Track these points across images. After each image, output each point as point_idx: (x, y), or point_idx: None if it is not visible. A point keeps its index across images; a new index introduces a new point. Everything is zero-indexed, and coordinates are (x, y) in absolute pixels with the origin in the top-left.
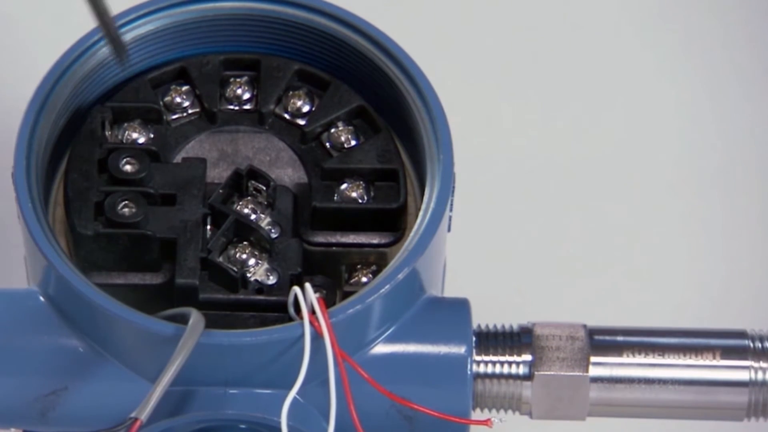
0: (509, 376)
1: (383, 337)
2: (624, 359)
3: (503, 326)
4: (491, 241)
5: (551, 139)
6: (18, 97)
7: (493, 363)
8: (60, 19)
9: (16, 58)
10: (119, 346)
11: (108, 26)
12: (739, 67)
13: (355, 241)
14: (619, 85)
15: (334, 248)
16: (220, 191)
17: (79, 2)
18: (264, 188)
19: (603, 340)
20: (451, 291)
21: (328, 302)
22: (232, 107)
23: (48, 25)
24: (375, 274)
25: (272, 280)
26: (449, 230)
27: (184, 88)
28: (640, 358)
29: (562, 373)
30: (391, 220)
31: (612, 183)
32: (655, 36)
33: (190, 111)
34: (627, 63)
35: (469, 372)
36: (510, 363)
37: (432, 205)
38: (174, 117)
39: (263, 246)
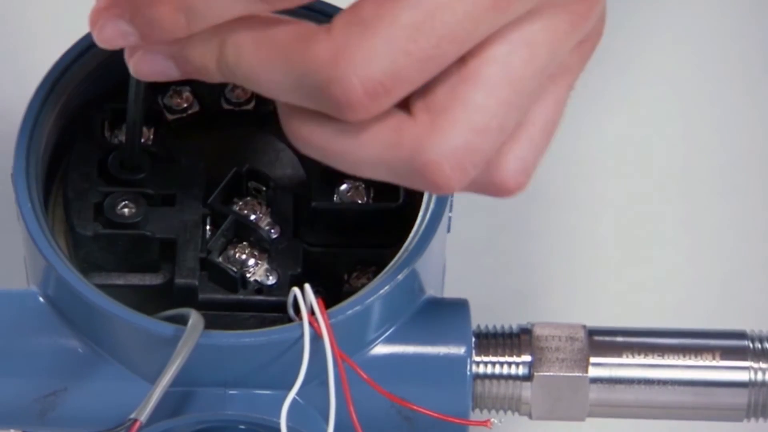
0: (509, 377)
1: (383, 337)
2: (624, 360)
3: (503, 327)
4: (491, 241)
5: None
6: (18, 97)
7: (493, 364)
8: (60, 19)
9: (16, 58)
10: (119, 346)
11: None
12: (741, 67)
13: (354, 242)
14: (619, 84)
15: (333, 249)
16: (220, 191)
17: (80, 2)
18: (263, 188)
19: (602, 341)
20: (450, 291)
21: (327, 303)
22: (232, 107)
23: (48, 25)
24: (374, 274)
25: (272, 280)
26: (449, 231)
27: (184, 88)
28: (639, 359)
29: (562, 374)
30: (391, 221)
31: (612, 183)
32: (655, 33)
33: (189, 111)
34: (626, 62)
35: (468, 373)
36: (509, 364)
37: (431, 205)
38: (174, 117)
39: (263, 246)
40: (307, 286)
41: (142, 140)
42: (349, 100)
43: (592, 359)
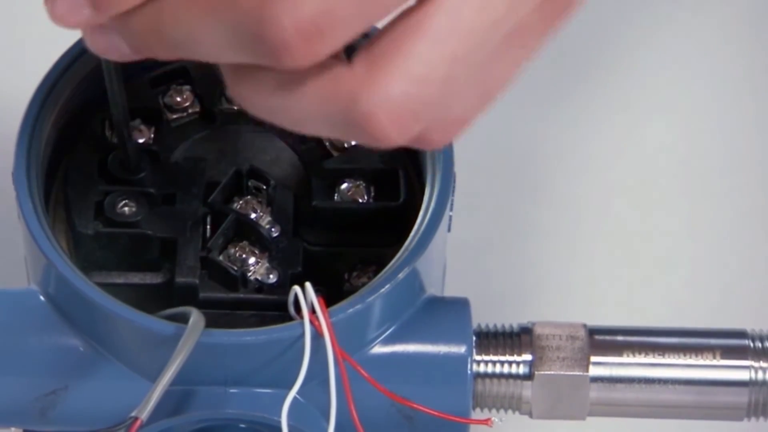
0: (509, 376)
1: (383, 336)
2: (624, 359)
3: (503, 326)
4: (491, 240)
5: (552, 138)
6: (18, 97)
7: (493, 363)
8: None
9: (16, 58)
10: (119, 345)
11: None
12: (742, 67)
13: (355, 241)
14: (619, 84)
15: (334, 248)
16: (220, 190)
17: None
18: (264, 187)
19: (603, 340)
20: (451, 291)
21: (328, 301)
22: (232, 107)
23: (48, 25)
24: (375, 273)
25: (272, 279)
26: (449, 230)
27: (184, 87)
28: (640, 358)
29: (562, 373)
30: (391, 220)
31: (612, 182)
32: (655, 34)
33: (190, 111)
34: (626, 63)
35: (469, 372)
36: (510, 363)
37: (432, 204)
38: (174, 117)
39: (263, 245)
40: (308, 285)
41: (143, 140)
42: (283, 41)
43: (593, 358)
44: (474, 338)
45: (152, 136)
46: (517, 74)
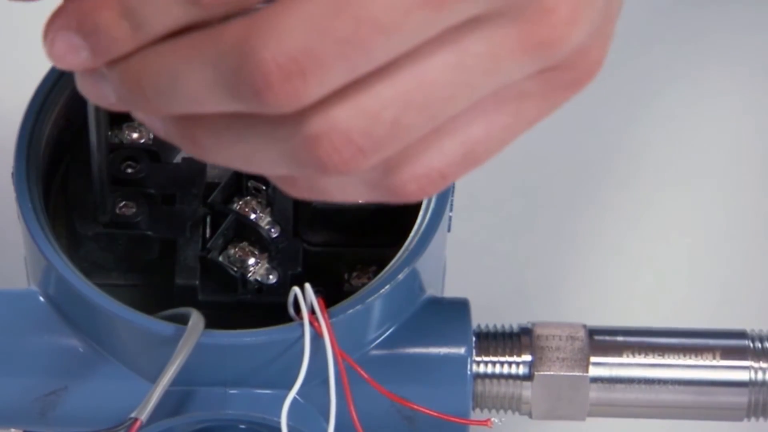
0: (509, 377)
1: (383, 337)
2: (624, 359)
3: (503, 326)
4: (491, 241)
5: (552, 138)
6: (18, 97)
7: (493, 363)
8: None
9: (16, 59)
10: (119, 346)
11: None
12: (740, 68)
13: (355, 241)
14: (618, 83)
15: (333, 248)
16: (220, 191)
17: None
18: (264, 188)
19: (603, 341)
20: (451, 291)
21: (327, 302)
22: None
23: None
24: (375, 274)
25: (272, 279)
26: (449, 230)
27: None
28: (640, 359)
29: (562, 374)
30: (391, 220)
31: (612, 183)
32: (651, 36)
33: None
34: (626, 64)
35: (469, 372)
36: (510, 363)
37: (432, 204)
38: None
39: (263, 245)
40: (307, 286)
41: (143, 140)
42: (264, 77)
43: (593, 359)
44: (474, 339)
45: (152, 136)
46: (510, 140)
